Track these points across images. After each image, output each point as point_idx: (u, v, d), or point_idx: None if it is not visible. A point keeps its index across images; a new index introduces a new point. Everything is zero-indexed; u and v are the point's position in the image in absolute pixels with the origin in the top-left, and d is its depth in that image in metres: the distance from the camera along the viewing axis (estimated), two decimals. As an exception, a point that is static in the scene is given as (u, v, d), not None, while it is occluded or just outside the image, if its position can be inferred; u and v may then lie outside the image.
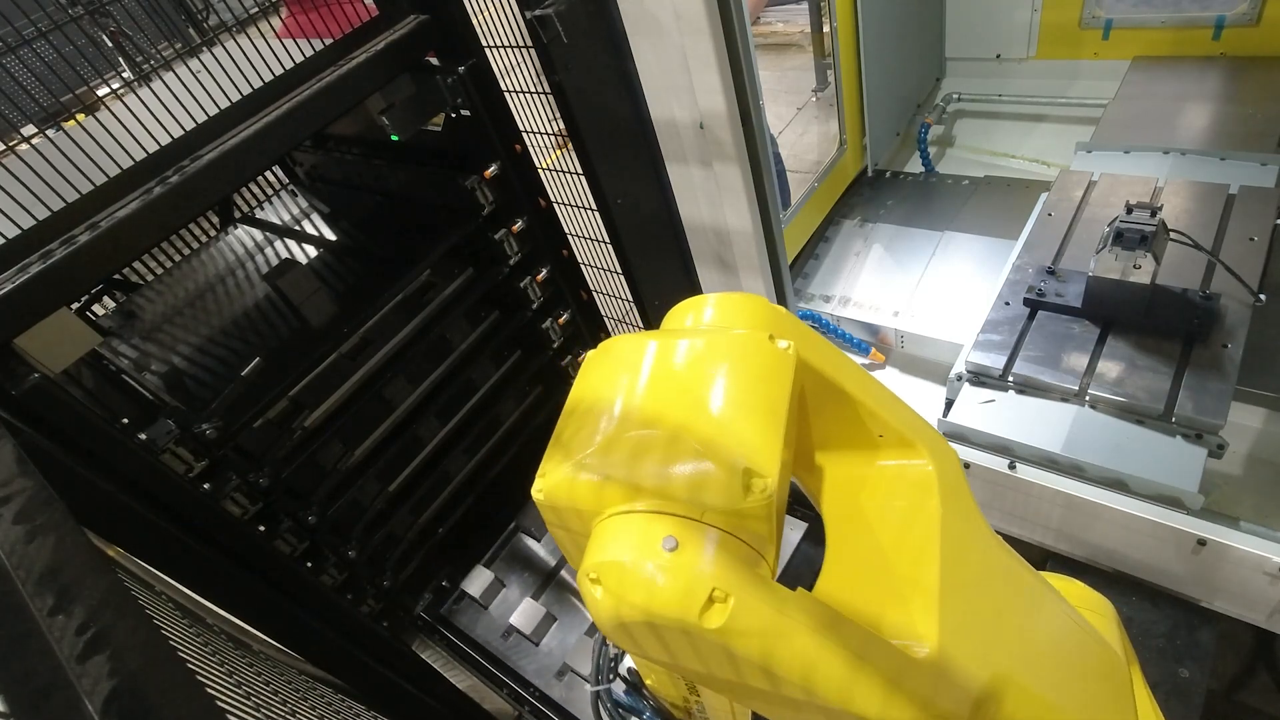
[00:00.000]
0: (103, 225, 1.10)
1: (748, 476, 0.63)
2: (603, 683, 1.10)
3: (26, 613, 0.58)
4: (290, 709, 0.95)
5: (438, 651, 1.92)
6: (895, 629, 0.70)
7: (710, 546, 0.62)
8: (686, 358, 0.73)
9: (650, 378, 0.72)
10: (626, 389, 0.72)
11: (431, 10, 1.49)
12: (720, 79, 1.38)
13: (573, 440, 0.71)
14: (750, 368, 0.71)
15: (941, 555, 0.74)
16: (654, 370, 0.73)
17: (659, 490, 0.64)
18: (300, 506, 1.58)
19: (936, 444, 0.84)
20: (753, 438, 0.66)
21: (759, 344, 0.74)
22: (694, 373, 0.71)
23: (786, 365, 0.73)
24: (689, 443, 0.65)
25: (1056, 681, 0.82)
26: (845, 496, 0.85)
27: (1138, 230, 1.74)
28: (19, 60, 1.15)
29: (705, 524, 0.63)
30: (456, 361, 1.87)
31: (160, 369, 1.58)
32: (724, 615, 0.60)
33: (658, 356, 0.74)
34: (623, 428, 0.69)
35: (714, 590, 0.60)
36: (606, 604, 0.63)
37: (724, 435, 0.66)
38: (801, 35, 5.29)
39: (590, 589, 0.65)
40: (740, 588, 0.61)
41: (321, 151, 2.05)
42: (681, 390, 0.70)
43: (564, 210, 1.92)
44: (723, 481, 0.63)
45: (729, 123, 1.45)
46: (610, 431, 0.69)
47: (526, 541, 2.05)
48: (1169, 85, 2.81)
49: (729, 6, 1.32)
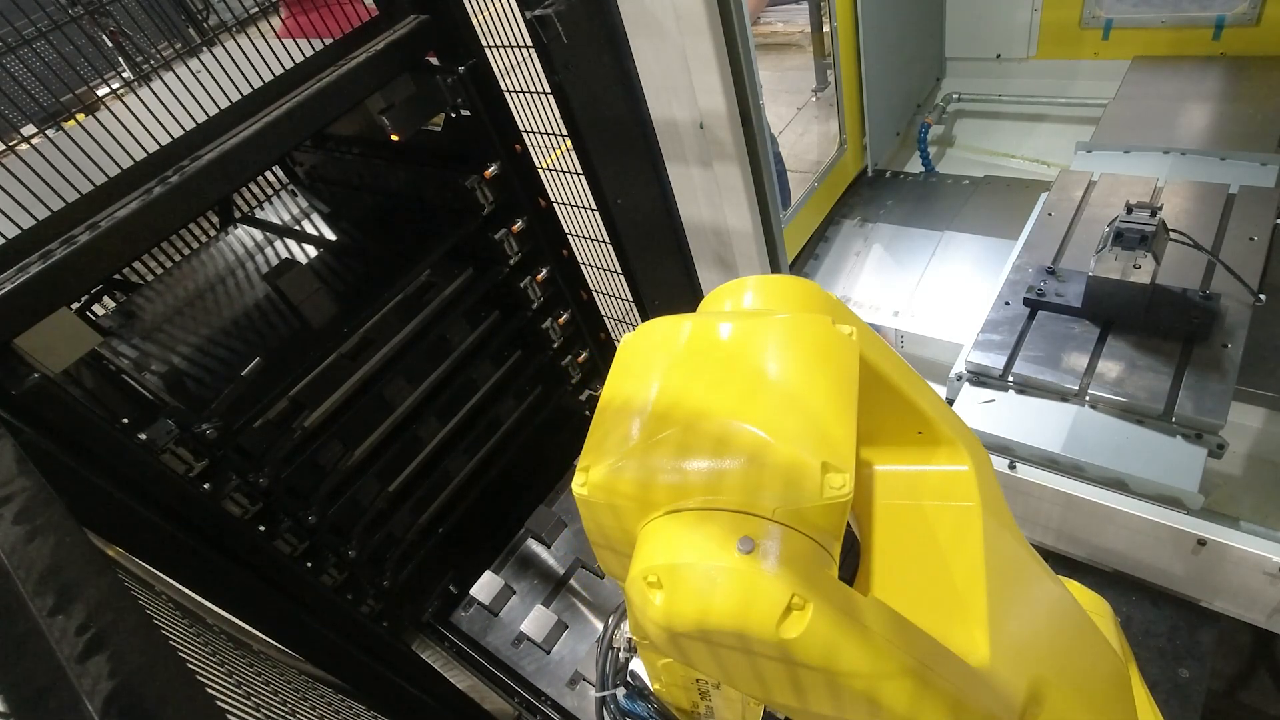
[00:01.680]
0: (103, 225, 1.10)
1: (825, 472, 0.57)
2: (608, 688, 1.09)
3: (26, 613, 0.58)
4: (290, 709, 0.95)
5: (438, 652, 1.92)
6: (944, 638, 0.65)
7: (786, 548, 0.56)
8: (746, 341, 0.66)
9: (708, 362, 0.65)
10: (681, 375, 0.65)
11: (431, 10, 1.49)
12: (720, 79, 1.38)
13: (620, 431, 0.64)
14: (817, 354, 0.65)
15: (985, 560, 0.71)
16: (711, 354, 0.66)
17: (726, 485, 0.58)
18: (300, 506, 1.58)
19: (974, 443, 0.79)
20: (828, 430, 0.60)
21: (824, 328, 0.67)
22: (757, 358, 0.64)
23: (852, 352, 0.67)
24: (759, 434, 0.59)
25: (1079, 686, 0.80)
26: (882, 496, 0.80)
27: (1138, 230, 1.74)
28: (19, 60, 1.15)
29: (777, 523, 0.57)
30: (456, 361, 1.87)
31: (160, 369, 1.58)
32: (802, 624, 0.54)
33: (713, 340, 0.67)
34: (680, 417, 0.62)
35: (793, 597, 0.54)
36: (669, 610, 0.57)
37: (798, 427, 0.59)
38: (801, 35, 5.29)
39: (646, 593, 0.58)
40: (817, 593, 0.55)
41: (321, 151, 2.05)
42: (745, 377, 0.63)
43: (564, 210, 1.92)
44: (799, 477, 0.57)
45: (729, 123, 1.45)
46: (666, 421, 0.62)
47: (535, 548, 2.04)
48: (1169, 85, 2.81)
49: (729, 6, 1.32)
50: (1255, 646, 2.15)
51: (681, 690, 1.01)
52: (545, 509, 2.08)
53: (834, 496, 0.57)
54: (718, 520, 0.58)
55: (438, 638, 1.95)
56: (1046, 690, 0.71)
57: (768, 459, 0.58)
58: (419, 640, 1.97)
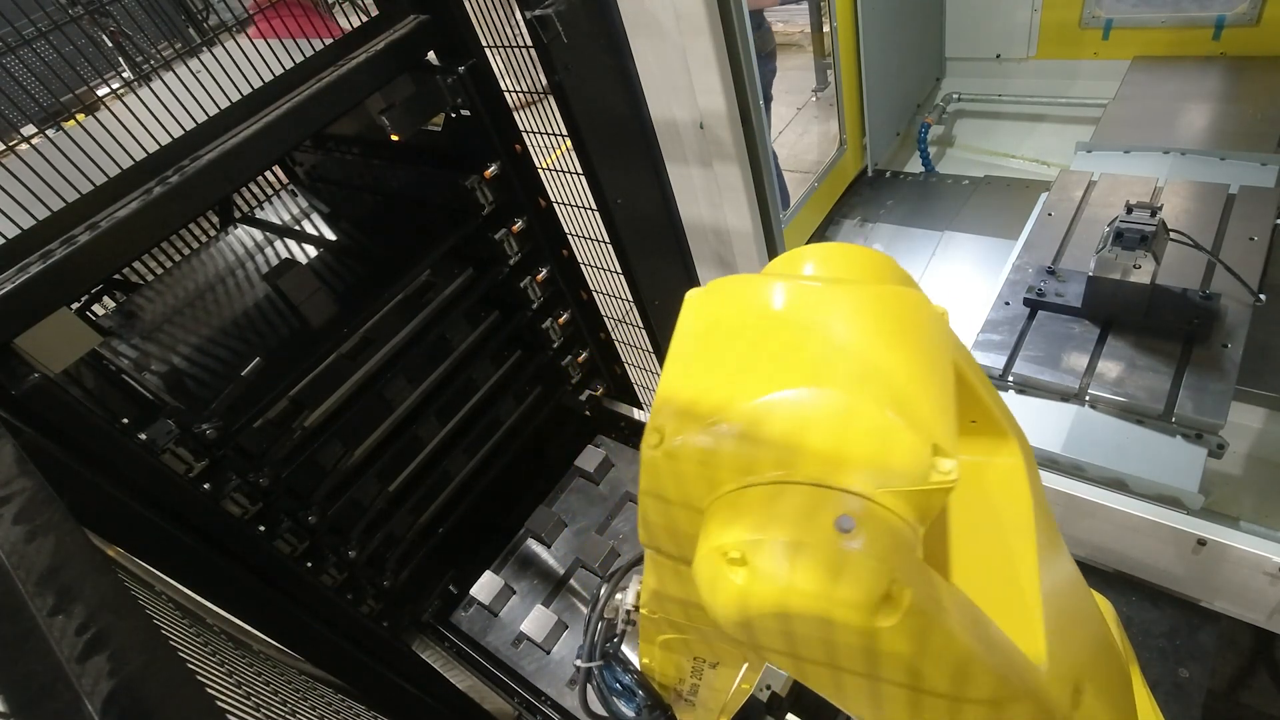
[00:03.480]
0: (103, 225, 1.10)
1: (935, 454, 0.53)
2: (595, 659, 1.08)
3: (26, 613, 0.57)
4: (290, 709, 0.95)
5: (438, 652, 1.92)
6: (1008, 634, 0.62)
7: (886, 531, 0.52)
8: (844, 309, 0.61)
9: (803, 327, 0.60)
10: (776, 337, 0.60)
11: (431, 10, 1.49)
12: (720, 79, 1.38)
13: (704, 391, 0.59)
14: (917, 330, 0.60)
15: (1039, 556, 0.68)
16: (806, 319, 0.60)
17: (826, 459, 0.53)
18: (300, 506, 1.58)
19: (1023, 438, 0.76)
20: (935, 410, 0.55)
21: (920, 303, 0.62)
22: (859, 327, 0.59)
23: (946, 332, 0.62)
24: (870, 408, 0.54)
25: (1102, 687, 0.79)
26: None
27: (1138, 230, 1.74)
28: (19, 60, 1.15)
29: (875, 504, 0.53)
30: (456, 361, 1.87)
31: (160, 369, 1.58)
32: (899, 611, 0.51)
33: (806, 304, 0.62)
34: (779, 382, 0.56)
35: (892, 584, 0.50)
36: (751, 589, 0.52)
37: (908, 404, 0.54)
38: (801, 35, 5.29)
39: (725, 571, 0.53)
40: (913, 581, 0.51)
41: (321, 151, 2.05)
42: (848, 346, 0.58)
43: (564, 210, 1.92)
44: (908, 458, 0.53)
45: (729, 123, 1.45)
46: (762, 385, 0.57)
47: (535, 548, 2.04)
48: (1169, 85, 2.82)
49: (729, 6, 1.32)
50: (1255, 646, 2.15)
51: (674, 668, 1.00)
52: (545, 509, 2.08)
53: (940, 481, 0.53)
54: (811, 496, 0.53)
55: (438, 638, 1.94)
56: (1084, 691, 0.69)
57: (876, 435, 0.53)
58: (419, 640, 1.97)
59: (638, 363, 2.33)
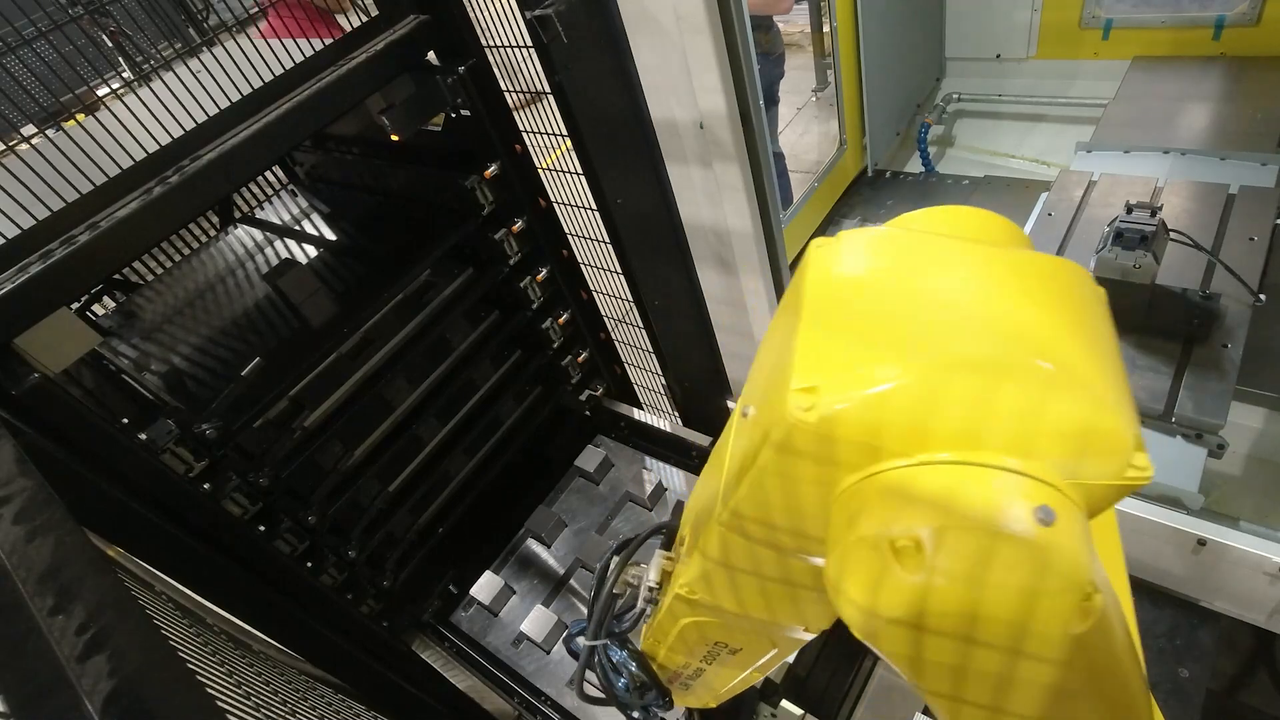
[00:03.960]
0: (103, 225, 1.10)
1: (1135, 450, 0.47)
2: (600, 637, 1.03)
3: (26, 613, 0.57)
4: (290, 709, 0.95)
5: (438, 652, 1.92)
6: None
7: (1080, 526, 0.46)
8: (1014, 273, 0.54)
9: (979, 290, 0.52)
10: (947, 298, 0.52)
11: (431, 10, 1.49)
12: (720, 79, 1.38)
13: (868, 350, 0.51)
14: (1088, 305, 0.53)
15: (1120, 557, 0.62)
16: (979, 281, 0.53)
17: (1019, 440, 0.47)
18: (300, 506, 1.58)
19: None
20: (1126, 396, 0.48)
21: (1086, 277, 0.55)
22: (1035, 296, 0.52)
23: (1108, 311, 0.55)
24: (1070, 385, 0.47)
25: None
26: None
27: (1138, 230, 1.74)
28: (19, 60, 1.14)
29: (1065, 495, 0.46)
30: (456, 361, 1.87)
31: (160, 369, 1.58)
32: (1093, 616, 0.45)
33: (973, 264, 0.54)
34: (958, 347, 0.49)
35: (1091, 584, 0.45)
36: (930, 585, 0.46)
37: (1103, 385, 0.48)
38: (801, 35, 5.29)
39: (889, 562, 0.47)
40: (1100, 584, 0.46)
41: (321, 151, 2.05)
42: (1028, 315, 0.51)
43: (564, 210, 1.92)
44: (1111, 449, 0.47)
45: (729, 123, 1.44)
46: (938, 350, 0.49)
47: (535, 548, 2.04)
48: (1169, 85, 2.82)
49: (729, 6, 1.32)
50: (1255, 646, 2.15)
51: (687, 652, 0.97)
52: (545, 509, 2.08)
53: (1135, 478, 0.47)
54: (1003, 482, 0.46)
55: (438, 638, 1.94)
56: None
57: (1079, 418, 0.47)
58: (419, 640, 1.97)
59: (638, 363, 2.33)
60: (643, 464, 2.11)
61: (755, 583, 0.73)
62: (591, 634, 1.03)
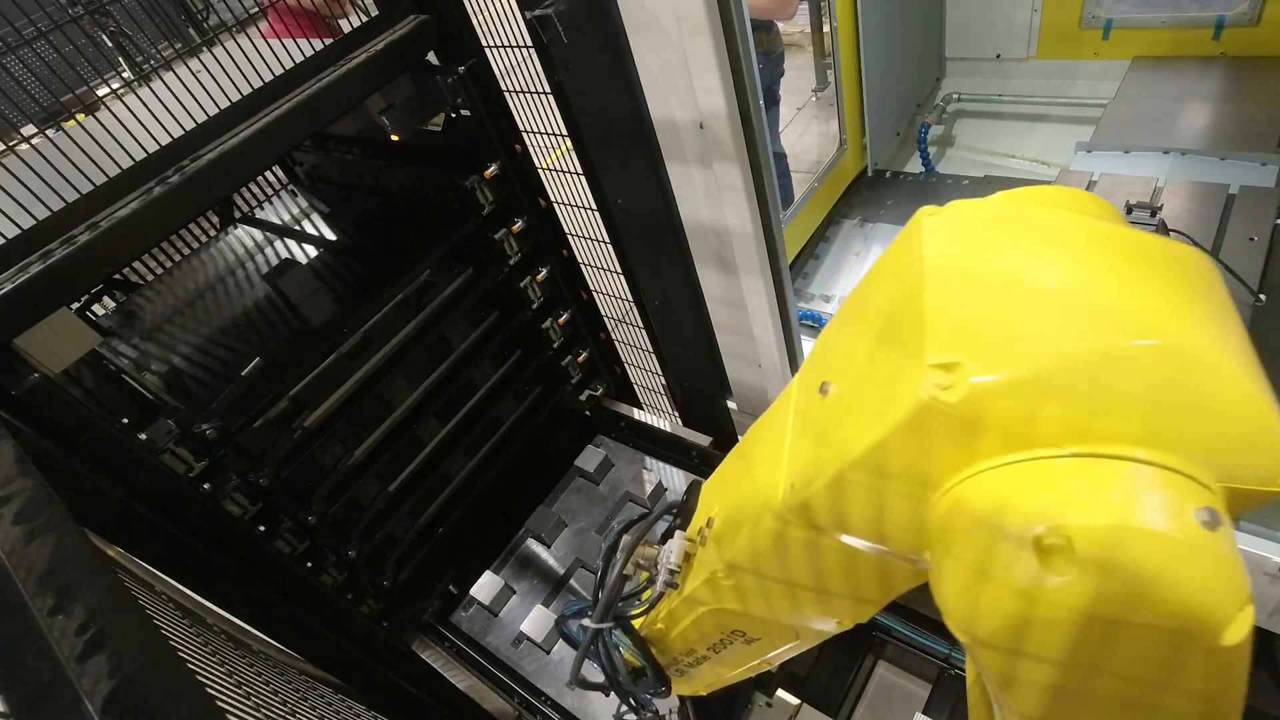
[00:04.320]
0: (103, 225, 1.10)
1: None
2: (606, 620, 0.98)
3: (26, 613, 0.58)
4: (290, 709, 0.95)
5: (438, 652, 1.92)
6: None
7: (1231, 531, 0.43)
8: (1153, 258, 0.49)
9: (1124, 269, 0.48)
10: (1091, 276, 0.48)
11: (431, 10, 1.49)
12: (720, 79, 1.38)
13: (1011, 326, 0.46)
14: (1225, 297, 0.49)
15: None
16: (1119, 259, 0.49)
17: (1185, 436, 0.43)
18: (300, 506, 1.58)
19: None
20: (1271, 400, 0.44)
21: (1213, 270, 0.51)
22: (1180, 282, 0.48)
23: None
24: (1237, 381, 0.44)
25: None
26: None
27: (1138, 230, 1.74)
28: (19, 60, 1.15)
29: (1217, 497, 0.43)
30: (456, 362, 1.87)
31: (160, 369, 1.58)
32: (1245, 628, 0.42)
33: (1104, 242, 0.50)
34: (1114, 332, 0.45)
35: (1248, 594, 0.42)
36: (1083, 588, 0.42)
37: (1258, 387, 0.44)
38: (801, 35, 5.29)
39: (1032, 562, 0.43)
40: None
41: (321, 151, 2.05)
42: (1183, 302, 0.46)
43: (564, 210, 1.92)
44: (1268, 453, 0.43)
45: (729, 123, 1.44)
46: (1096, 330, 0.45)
47: (535, 548, 2.04)
48: (1169, 85, 2.81)
49: (729, 6, 1.32)
50: (1256, 647, 2.15)
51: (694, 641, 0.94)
52: (545, 509, 2.08)
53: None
54: (1165, 481, 0.43)
55: (438, 638, 1.94)
56: None
57: (1246, 417, 0.43)
58: (419, 640, 1.97)
59: (638, 363, 2.33)
60: (643, 464, 2.11)
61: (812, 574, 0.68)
62: (599, 616, 0.98)
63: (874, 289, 0.60)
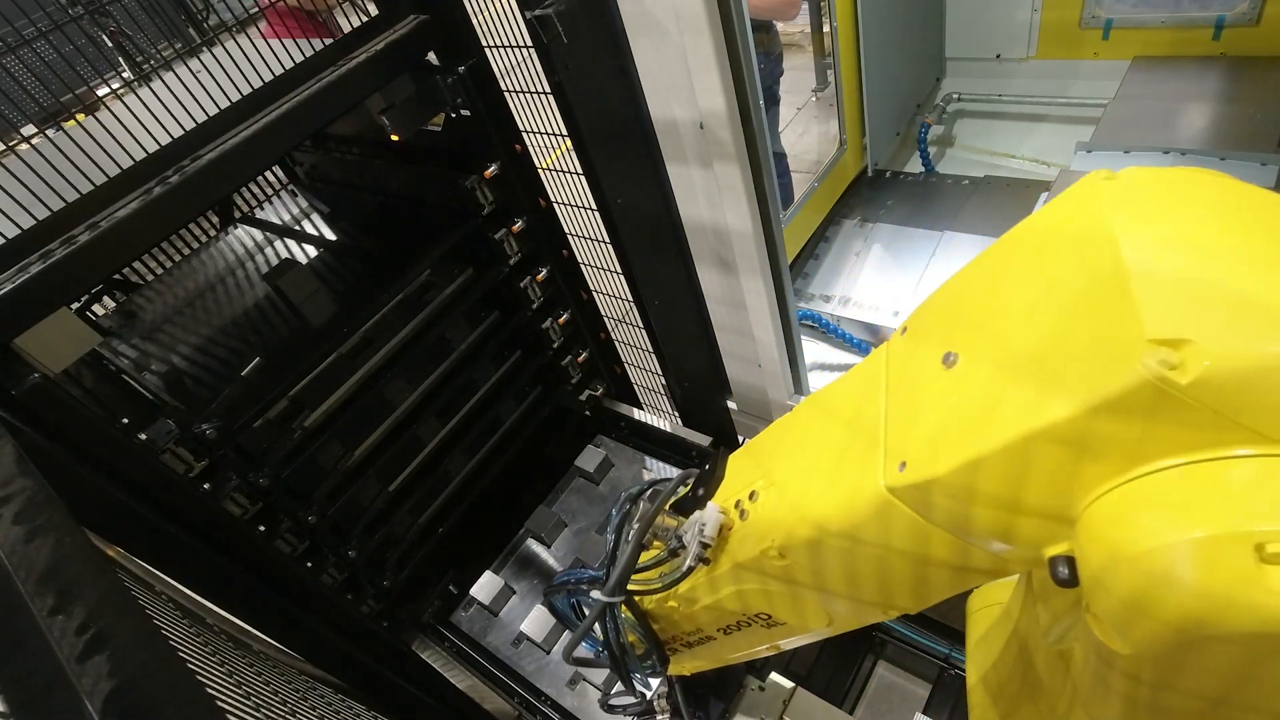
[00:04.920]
0: (103, 225, 1.10)
1: None
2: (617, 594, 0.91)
3: (26, 613, 0.57)
4: (290, 709, 0.95)
5: (438, 652, 1.92)
6: None
7: None
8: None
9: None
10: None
11: (431, 10, 1.49)
12: (720, 79, 1.38)
13: (1237, 304, 0.41)
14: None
15: None
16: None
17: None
18: (300, 506, 1.58)
19: None
20: None
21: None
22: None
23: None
24: None
25: None
26: None
27: (1138, 230, 1.74)
28: (19, 60, 1.15)
29: None
30: (456, 361, 1.87)
31: (160, 369, 1.58)
32: None
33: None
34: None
35: None
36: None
37: None
38: (801, 35, 5.29)
39: (1239, 571, 0.39)
40: None
41: (321, 151, 2.05)
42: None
43: (564, 210, 1.92)
44: None
45: (729, 123, 1.44)
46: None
47: (535, 548, 2.04)
48: (1169, 85, 2.81)
49: (729, 6, 1.32)
50: None
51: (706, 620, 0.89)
52: (545, 509, 2.08)
53: None
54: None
55: (438, 638, 1.94)
56: None
57: None
58: (419, 640, 1.97)
59: (638, 363, 2.33)
60: (643, 464, 2.11)
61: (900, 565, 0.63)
62: (610, 590, 0.90)
63: (1028, 257, 0.54)
